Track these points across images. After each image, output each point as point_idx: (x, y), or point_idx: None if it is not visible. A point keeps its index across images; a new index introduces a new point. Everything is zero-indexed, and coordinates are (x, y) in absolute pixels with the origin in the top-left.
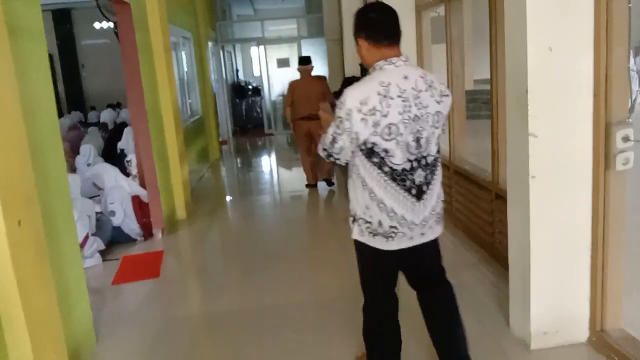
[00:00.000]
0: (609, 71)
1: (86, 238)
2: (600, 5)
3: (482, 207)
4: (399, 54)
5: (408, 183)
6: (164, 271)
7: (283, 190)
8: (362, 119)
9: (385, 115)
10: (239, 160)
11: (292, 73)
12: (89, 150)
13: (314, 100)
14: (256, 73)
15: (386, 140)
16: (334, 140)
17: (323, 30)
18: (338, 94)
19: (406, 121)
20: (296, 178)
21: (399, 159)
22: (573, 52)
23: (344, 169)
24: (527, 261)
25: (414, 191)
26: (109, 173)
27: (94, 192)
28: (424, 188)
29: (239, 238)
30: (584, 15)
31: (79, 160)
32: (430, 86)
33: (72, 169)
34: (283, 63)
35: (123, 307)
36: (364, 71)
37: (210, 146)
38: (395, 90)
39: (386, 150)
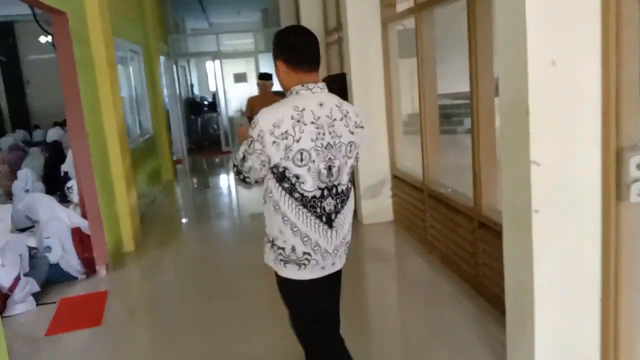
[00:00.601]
0: (620, 87)
1: (17, 280)
2: (608, 12)
3: (463, 236)
4: (317, 80)
5: (319, 210)
6: (108, 316)
7: (243, 212)
8: (274, 142)
9: (297, 141)
10: (194, 181)
11: (250, 88)
12: (26, 175)
13: None
14: (212, 88)
15: (298, 166)
16: (244, 159)
17: None
18: None
19: (319, 148)
20: (256, 198)
21: (309, 186)
22: (579, 66)
23: None
24: (529, 306)
25: (324, 218)
26: (44, 204)
27: (29, 223)
28: (333, 217)
29: (195, 271)
30: (591, 24)
31: (16, 186)
32: (345, 116)
33: (9, 195)
34: (240, 78)
35: None
36: (328, 85)
37: (162, 166)
38: (310, 116)
39: (297, 176)
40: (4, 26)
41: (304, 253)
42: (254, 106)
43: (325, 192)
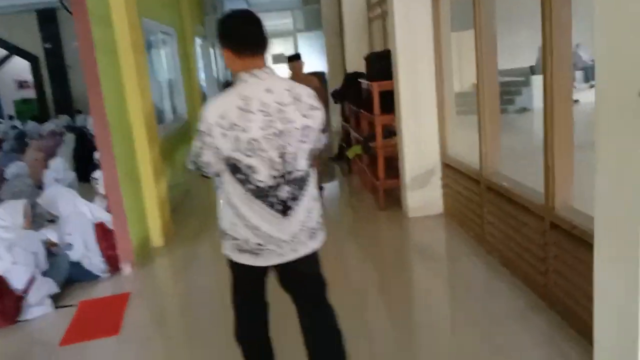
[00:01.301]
0: None
1: (31, 281)
2: None
3: (530, 238)
4: (262, 65)
5: (271, 199)
6: (127, 324)
7: None
8: (223, 134)
9: (245, 130)
10: None
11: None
12: (58, 164)
13: None
14: None
15: (249, 156)
16: (199, 154)
17: (321, 23)
18: (339, 93)
19: (269, 137)
20: None
21: (263, 176)
22: None
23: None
24: (632, 344)
25: (278, 207)
26: (65, 198)
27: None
28: (290, 203)
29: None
30: None
31: (48, 176)
32: (296, 99)
33: (40, 184)
34: (278, 59)
35: None
36: (371, 63)
37: None
38: (257, 104)
39: (250, 167)
40: (46, 12)
41: (257, 244)
42: None
43: (280, 180)
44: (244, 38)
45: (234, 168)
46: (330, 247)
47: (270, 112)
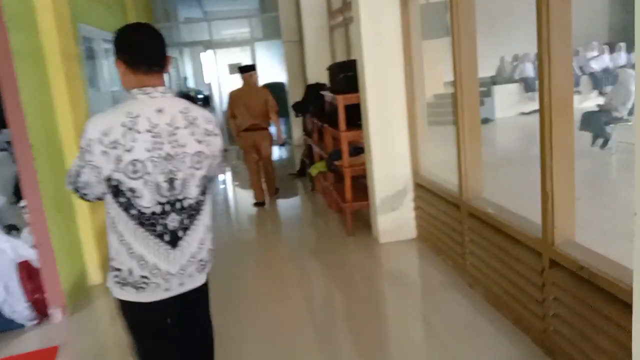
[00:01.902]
0: None
1: None
2: None
3: (524, 275)
4: (157, 84)
5: (159, 228)
6: None
7: (231, 212)
8: (103, 152)
9: (128, 150)
10: None
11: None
12: None
13: (256, 110)
14: (207, 80)
15: (131, 178)
16: (77, 174)
17: (280, 32)
18: (300, 105)
19: (155, 159)
20: (245, 197)
21: (147, 201)
22: None
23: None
24: None
25: (167, 237)
26: None
27: None
28: (180, 234)
29: None
30: None
31: None
32: (191, 123)
33: None
34: (236, 69)
35: None
36: (334, 74)
37: None
38: (145, 124)
39: (132, 190)
40: None
41: (142, 277)
42: (236, 102)
43: (167, 207)
44: (140, 52)
45: (116, 191)
46: (292, 274)
47: (159, 133)
